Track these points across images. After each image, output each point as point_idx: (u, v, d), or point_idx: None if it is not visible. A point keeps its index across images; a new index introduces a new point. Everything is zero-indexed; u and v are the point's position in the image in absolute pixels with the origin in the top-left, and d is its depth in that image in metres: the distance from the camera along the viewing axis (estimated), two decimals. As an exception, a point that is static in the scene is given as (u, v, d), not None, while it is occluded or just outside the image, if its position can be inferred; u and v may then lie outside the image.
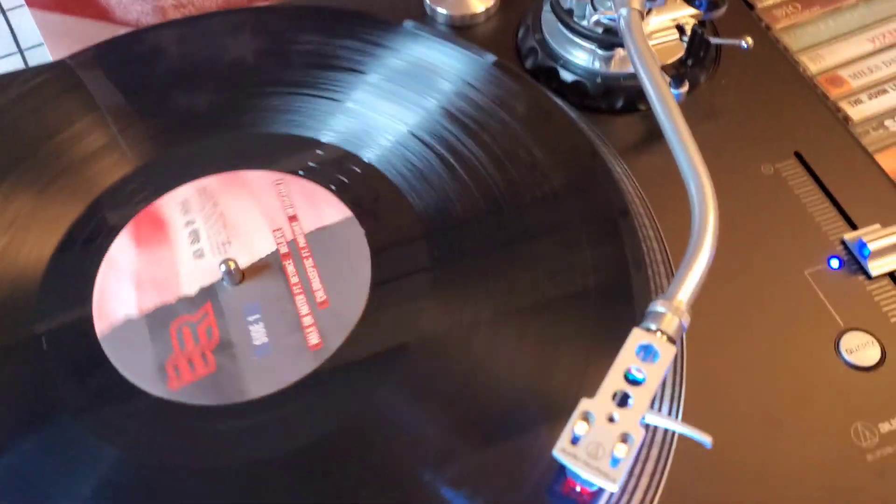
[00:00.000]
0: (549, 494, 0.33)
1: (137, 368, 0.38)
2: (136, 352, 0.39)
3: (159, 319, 0.40)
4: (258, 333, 0.39)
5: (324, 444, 0.35)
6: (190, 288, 0.41)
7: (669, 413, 0.35)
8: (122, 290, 0.41)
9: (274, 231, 0.42)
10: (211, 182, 0.45)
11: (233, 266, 0.40)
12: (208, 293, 0.41)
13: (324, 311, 0.39)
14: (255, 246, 0.42)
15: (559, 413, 0.32)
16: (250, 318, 0.39)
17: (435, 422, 0.35)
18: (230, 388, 0.37)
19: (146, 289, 0.41)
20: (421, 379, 0.36)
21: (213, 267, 0.41)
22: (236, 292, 0.40)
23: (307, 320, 0.39)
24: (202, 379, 0.38)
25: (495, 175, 0.43)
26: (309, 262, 0.41)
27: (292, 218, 0.43)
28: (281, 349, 0.38)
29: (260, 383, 0.37)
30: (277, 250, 0.42)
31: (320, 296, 0.40)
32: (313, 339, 0.38)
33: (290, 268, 0.41)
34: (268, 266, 0.41)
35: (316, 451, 0.35)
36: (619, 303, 0.37)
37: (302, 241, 0.42)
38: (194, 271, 0.41)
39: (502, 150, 0.44)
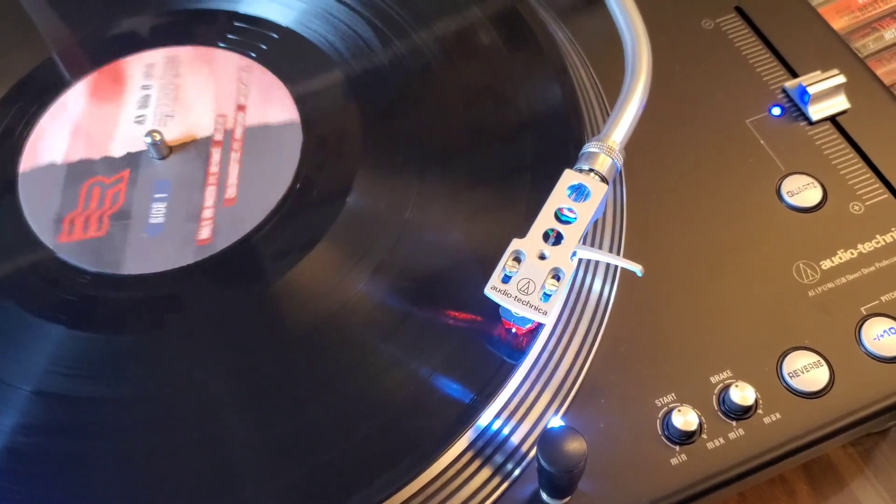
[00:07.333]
0: (488, 344, 0.32)
1: (38, 212, 0.38)
2: (46, 196, 0.38)
3: (78, 173, 0.39)
4: (158, 212, 0.38)
5: (172, 334, 0.35)
6: (117, 150, 0.40)
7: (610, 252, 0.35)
8: (58, 135, 0.40)
9: (217, 116, 0.40)
10: (182, 53, 0.43)
11: (158, 138, 0.38)
12: (131, 160, 0.39)
13: (227, 209, 0.37)
14: (193, 125, 0.40)
15: (496, 261, 0.32)
16: (157, 195, 0.38)
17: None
18: (110, 257, 0.36)
19: (79, 140, 0.40)
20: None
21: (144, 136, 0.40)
22: (157, 167, 0.39)
23: (207, 213, 0.37)
24: (89, 240, 0.37)
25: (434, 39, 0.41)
26: (236, 156, 0.39)
27: (241, 107, 0.41)
28: (171, 234, 0.37)
29: (137, 261, 0.36)
30: (212, 136, 0.40)
31: (231, 192, 0.38)
32: (204, 233, 0.37)
33: (215, 156, 0.39)
34: (195, 148, 0.40)
35: (167, 336, 0.35)
36: (555, 150, 0.36)
37: (239, 133, 0.40)
38: (129, 135, 0.40)
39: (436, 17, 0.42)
